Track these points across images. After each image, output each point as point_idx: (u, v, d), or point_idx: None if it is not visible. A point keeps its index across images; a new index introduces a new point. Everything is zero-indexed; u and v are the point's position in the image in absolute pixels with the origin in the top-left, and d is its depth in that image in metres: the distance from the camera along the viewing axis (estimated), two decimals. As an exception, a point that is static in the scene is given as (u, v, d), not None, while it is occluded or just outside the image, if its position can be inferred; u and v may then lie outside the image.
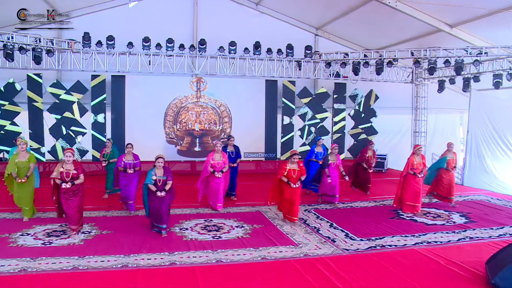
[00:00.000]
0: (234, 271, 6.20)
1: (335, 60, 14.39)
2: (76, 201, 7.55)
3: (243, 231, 8.10)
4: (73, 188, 7.45)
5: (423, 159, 9.86)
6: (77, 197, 7.56)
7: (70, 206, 7.51)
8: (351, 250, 7.14)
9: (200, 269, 6.21)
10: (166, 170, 7.76)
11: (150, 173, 7.66)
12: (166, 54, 13.26)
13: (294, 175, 8.52)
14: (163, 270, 6.17)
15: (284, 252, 6.98)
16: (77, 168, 7.55)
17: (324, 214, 9.39)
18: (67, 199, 7.48)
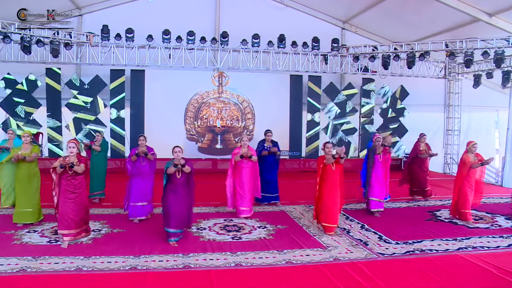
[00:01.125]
0: (255, 276, 5.41)
1: (363, 54, 13.47)
2: (79, 202, 6.52)
3: (265, 232, 7.29)
4: (74, 183, 6.60)
5: (478, 157, 8.31)
6: (79, 196, 6.54)
7: (68, 206, 6.42)
8: (386, 255, 6.25)
9: (217, 273, 5.44)
10: (186, 162, 6.98)
11: (168, 164, 6.86)
12: (187, 47, 12.61)
13: (333, 167, 7.35)
14: (176, 274, 5.42)
15: (312, 256, 6.14)
16: (80, 160, 6.70)
17: (353, 215, 8.50)
18: (65, 197, 6.45)
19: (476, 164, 8.14)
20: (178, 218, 6.63)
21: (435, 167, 15.32)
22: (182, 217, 6.70)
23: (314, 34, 13.31)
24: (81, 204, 6.58)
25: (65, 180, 6.52)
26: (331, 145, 7.66)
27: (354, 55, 13.48)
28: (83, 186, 6.72)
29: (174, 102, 13.38)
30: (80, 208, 6.54)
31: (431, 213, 8.81)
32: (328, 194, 7.36)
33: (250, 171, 8.42)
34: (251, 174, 8.43)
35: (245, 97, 13.89)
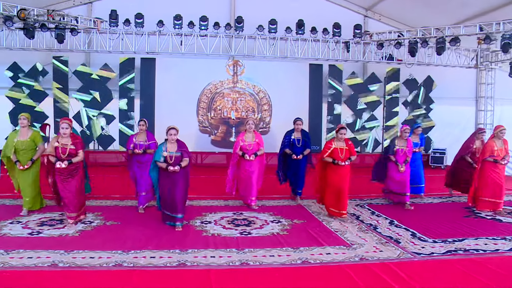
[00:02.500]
0: (264, 277, 4.34)
1: (388, 40, 12.27)
2: (74, 183, 5.95)
3: (279, 226, 6.21)
4: (70, 168, 5.87)
5: (505, 144, 7.45)
6: (74, 178, 5.96)
7: (66, 188, 5.93)
8: (423, 254, 5.09)
9: (217, 273, 4.39)
10: (180, 145, 6.00)
11: (160, 148, 5.93)
12: (200, 33, 11.64)
13: (342, 155, 6.60)
14: (167, 273, 4.39)
15: (333, 255, 5.03)
16: (76, 143, 5.96)
17: (380, 210, 7.34)
18: (63, 180, 5.91)
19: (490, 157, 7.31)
20: (174, 203, 5.92)
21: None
22: (179, 202, 5.94)
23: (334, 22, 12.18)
24: (79, 185, 6.08)
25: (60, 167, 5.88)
26: (346, 130, 6.68)
27: (378, 41, 12.28)
28: (80, 167, 6.11)
29: (186, 92, 12.40)
30: (78, 189, 6.06)
31: (469, 209, 7.57)
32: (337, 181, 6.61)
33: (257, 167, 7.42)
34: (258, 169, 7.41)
35: (261, 87, 12.83)
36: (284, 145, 7.77)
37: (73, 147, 5.91)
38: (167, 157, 5.85)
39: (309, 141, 7.87)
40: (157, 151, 5.94)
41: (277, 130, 11.96)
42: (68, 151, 5.87)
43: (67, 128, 5.89)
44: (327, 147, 6.73)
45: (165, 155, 5.83)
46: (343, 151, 6.64)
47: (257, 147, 7.33)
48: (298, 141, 7.70)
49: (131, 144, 6.92)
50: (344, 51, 12.49)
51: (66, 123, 5.86)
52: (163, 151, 5.85)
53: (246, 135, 7.31)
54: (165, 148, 5.89)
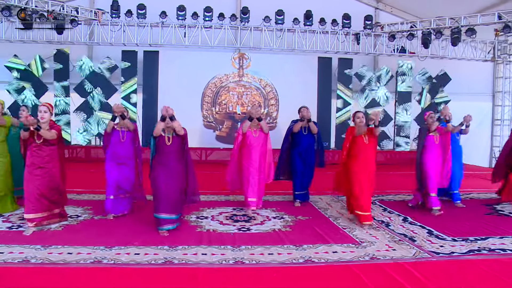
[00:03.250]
0: (259, 278, 3.76)
1: (400, 32, 11.62)
2: (46, 178, 5.07)
3: (282, 223, 5.62)
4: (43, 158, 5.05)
5: None
6: (48, 172, 5.09)
7: (34, 183, 5.00)
8: (443, 254, 4.45)
9: (206, 272, 3.82)
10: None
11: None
12: (204, 25, 11.12)
13: (366, 140, 5.67)
14: (149, 271, 3.83)
15: (340, 253, 4.42)
16: (52, 127, 5.27)
17: (392, 207, 6.70)
18: (31, 172, 5.03)
19: None
20: (170, 200, 5.00)
21: (481, 161, 13.24)
22: (176, 199, 5.05)
23: (344, 13, 11.58)
24: (51, 181, 5.12)
25: (31, 151, 5.09)
26: (363, 114, 5.93)
27: (390, 33, 11.64)
28: (54, 159, 5.20)
29: (190, 86, 11.87)
30: (49, 186, 5.10)
31: (490, 206, 6.90)
32: (362, 173, 5.63)
33: (262, 151, 6.43)
34: (263, 154, 6.43)
35: (268, 81, 12.24)
36: (291, 128, 6.89)
37: None
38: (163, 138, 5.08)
39: (317, 127, 6.88)
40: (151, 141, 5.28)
41: (284, 126, 11.18)
42: (43, 138, 5.22)
43: (45, 111, 5.24)
44: (347, 140, 5.80)
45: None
46: (365, 137, 5.69)
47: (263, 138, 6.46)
48: (304, 129, 6.78)
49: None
50: (354, 44, 11.88)
51: (45, 106, 5.26)
52: None
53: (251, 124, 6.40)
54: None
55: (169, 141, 5.10)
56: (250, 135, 6.33)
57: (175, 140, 5.12)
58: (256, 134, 6.35)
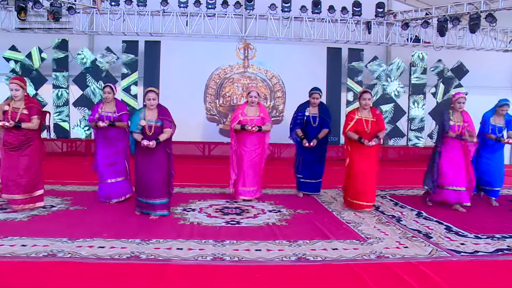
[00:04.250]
0: (239, 278, 3.05)
1: (414, 19, 10.79)
2: (25, 159, 4.70)
3: (278, 216, 4.90)
4: (19, 138, 4.65)
5: None
6: (25, 151, 4.72)
7: (11, 163, 4.65)
8: (464, 253, 3.68)
9: (176, 270, 3.15)
10: (162, 112, 4.81)
11: (137, 115, 4.73)
12: (207, 13, 10.46)
13: (368, 128, 5.16)
14: (105, 267, 3.19)
15: (341, 250, 3.70)
16: (30, 108, 4.74)
17: (405, 201, 5.91)
18: (8, 152, 4.68)
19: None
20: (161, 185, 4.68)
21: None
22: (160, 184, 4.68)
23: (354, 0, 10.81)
24: (31, 161, 4.78)
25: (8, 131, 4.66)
26: (371, 95, 5.27)
27: (403, 21, 10.81)
28: (35, 138, 4.83)
29: (193, 78, 11.19)
30: (29, 166, 4.75)
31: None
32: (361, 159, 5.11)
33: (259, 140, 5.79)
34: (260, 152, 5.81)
35: (274, 73, 11.50)
36: (295, 124, 6.03)
37: (26, 112, 4.73)
38: (145, 127, 4.64)
39: (329, 120, 6.04)
40: (133, 118, 4.72)
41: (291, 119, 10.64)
42: (19, 116, 4.68)
43: (17, 89, 4.69)
44: (350, 118, 5.27)
45: (142, 124, 4.62)
46: (369, 123, 5.17)
47: (262, 122, 5.73)
48: (314, 118, 5.91)
49: (96, 114, 5.33)
50: (365, 33, 11.07)
51: (14, 83, 4.68)
52: (140, 119, 4.64)
53: (247, 108, 5.76)
54: (143, 116, 4.69)
55: (150, 131, 4.64)
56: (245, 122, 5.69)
57: (155, 130, 4.68)
58: (253, 122, 5.68)
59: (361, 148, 5.13)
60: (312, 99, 6.01)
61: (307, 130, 5.92)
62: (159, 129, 4.67)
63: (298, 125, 5.99)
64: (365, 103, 5.18)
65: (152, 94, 4.71)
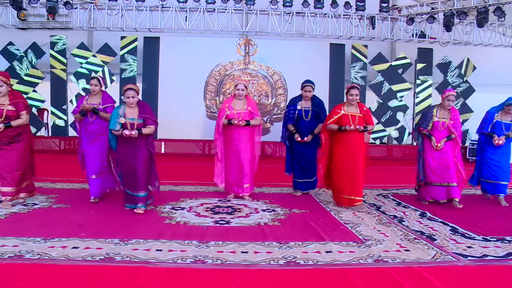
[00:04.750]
0: (218, 283, 2.74)
1: (420, 14, 10.43)
2: (16, 152, 4.60)
3: (271, 216, 4.59)
4: (9, 134, 4.51)
5: None
6: (18, 144, 4.62)
7: (3, 156, 4.56)
8: (471, 257, 3.34)
9: (150, 273, 2.84)
10: (143, 110, 4.54)
11: (116, 112, 4.46)
12: (206, 8, 10.19)
13: (354, 123, 4.93)
14: (75, 269, 2.89)
15: (335, 253, 3.37)
16: (17, 104, 4.60)
17: (408, 201, 5.56)
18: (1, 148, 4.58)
19: None
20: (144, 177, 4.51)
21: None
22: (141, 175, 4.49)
23: (358, -2, 10.50)
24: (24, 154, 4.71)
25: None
26: (358, 90, 5.04)
27: (408, 16, 10.46)
28: (25, 132, 4.75)
29: (193, 75, 10.90)
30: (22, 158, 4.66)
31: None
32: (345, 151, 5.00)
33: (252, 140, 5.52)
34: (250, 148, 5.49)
35: (275, 69, 11.19)
36: (288, 119, 5.68)
37: (11, 108, 4.53)
38: (125, 125, 4.37)
39: (324, 114, 5.61)
40: (112, 115, 4.46)
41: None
42: (4, 113, 4.49)
43: (0, 85, 4.50)
44: (334, 112, 5.05)
45: (122, 121, 4.34)
46: (356, 118, 4.97)
47: (250, 116, 5.43)
48: (306, 112, 5.55)
49: (80, 107, 4.98)
50: (369, 28, 10.74)
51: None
52: (119, 116, 4.36)
53: (234, 102, 5.43)
54: (123, 113, 4.41)
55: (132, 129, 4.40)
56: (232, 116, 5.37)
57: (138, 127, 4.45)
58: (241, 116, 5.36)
59: (344, 139, 4.96)
60: (304, 91, 5.64)
61: (298, 124, 5.59)
62: (140, 126, 4.42)
63: (290, 120, 5.63)
64: (352, 99, 5.00)
65: (131, 92, 4.45)
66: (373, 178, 7.53)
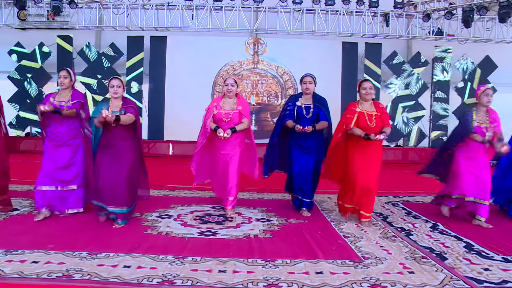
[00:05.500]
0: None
1: (437, 10, 9.84)
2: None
3: (265, 227, 4.16)
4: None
5: None
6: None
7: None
8: (488, 284, 2.85)
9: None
10: (126, 102, 4.19)
11: (100, 106, 4.12)
12: (213, 5, 9.84)
13: (372, 123, 4.32)
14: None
15: (327, 274, 2.93)
16: None
17: (420, 210, 5.05)
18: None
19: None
20: (114, 190, 3.96)
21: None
22: (123, 188, 3.97)
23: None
24: None
25: None
26: (372, 85, 4.47)
27: (425, 12, 9.87)
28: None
29: (200, 74, 10.56)
30: None
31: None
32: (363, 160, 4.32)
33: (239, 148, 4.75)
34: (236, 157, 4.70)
35: (285, 69, 10.76)
36: (285, 117, 4.81)
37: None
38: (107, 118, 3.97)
39: (327, 112, 4.81)
40: (96, 107, 4.15)
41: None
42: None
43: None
44: (351, 111, 4.37)
45: (105, 113, 3.94)
46: (373, 118, 4.34)
47: (239, 117, 4.69)
48: (307, 109, 4.75)
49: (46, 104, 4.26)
50: (383, 26, 10.20)
51: None
52: (103, 109, 3.99)
53: (224, 101, 4.75)
54: (106, 107, 4.06)
55: (114, 123, 3.97)
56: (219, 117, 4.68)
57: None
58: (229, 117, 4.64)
59: (363, 147, 4.32)
60: (303, 84, 4.82)
61: (299, 122, 4.72)
62: None
63: (288, 117, 4.77)
64: (365, 93, 4.35)
65: (116, 81, 4.10)
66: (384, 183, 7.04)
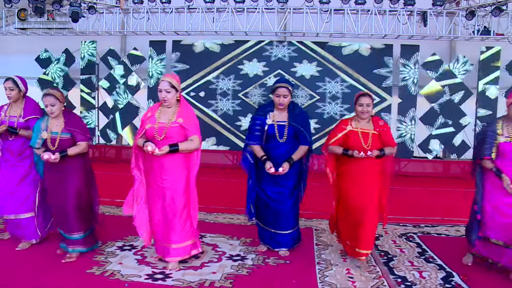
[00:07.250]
0: None
1: (482, 6, 8.57)
2: None
3: (233, 269, 3.45)
4: None
5: None
6: None
7: None
8: None
9: None
10: (69, 122, 3.50)
11: (38, 125, 3.51)
12: (235, 7, 9.23)
13: (367, 143, 3.55)
14: None
15: None
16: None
17: (440, 247, 4.08)
18: None
19: None
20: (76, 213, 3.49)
21: None
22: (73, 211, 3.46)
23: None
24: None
25: None
26: (370, 99, 3.61)
27: (468, 9, 8.64)
28: None
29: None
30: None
31: None
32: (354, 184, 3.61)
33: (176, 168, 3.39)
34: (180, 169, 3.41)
35: (311, 73, 9.92)
36: (251, 137, 3.71)
37: None
38: (47, 141, 3.45)
39: (307, 131, 3.69)
40: (34, 129, 3.51)
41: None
42: None
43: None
44: (339, 129, 3.68)
45: (44, 136, 3.43)
46: (369, 137, 3.57)
47: (180, 133, 3.34)
48: (281, 129, 3.66)
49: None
50: (420, 26, 9.08)
51: None
52: (41, 131, 3.46)
53: (160, 110, 3.41)
54: (45, 126, 3.50)
55: (54, 145, 3.44)
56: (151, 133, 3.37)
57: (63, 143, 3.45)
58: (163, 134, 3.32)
59: (351, 169, 3.57)
60: (276, 97, 3.64)
61: (269, 148, 3.68)
62: (67, 142, 3.42)
63: (255, 139, 3.67)
64: (361, 110, 3.55)
65: (49, 99, 3.38)
66: (409, 205, 6.11)
